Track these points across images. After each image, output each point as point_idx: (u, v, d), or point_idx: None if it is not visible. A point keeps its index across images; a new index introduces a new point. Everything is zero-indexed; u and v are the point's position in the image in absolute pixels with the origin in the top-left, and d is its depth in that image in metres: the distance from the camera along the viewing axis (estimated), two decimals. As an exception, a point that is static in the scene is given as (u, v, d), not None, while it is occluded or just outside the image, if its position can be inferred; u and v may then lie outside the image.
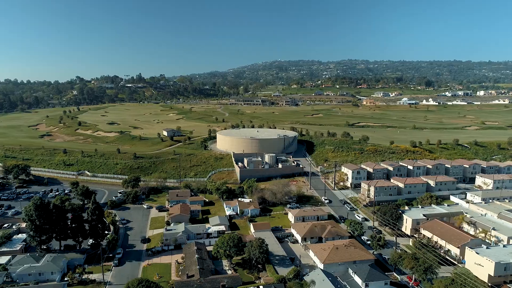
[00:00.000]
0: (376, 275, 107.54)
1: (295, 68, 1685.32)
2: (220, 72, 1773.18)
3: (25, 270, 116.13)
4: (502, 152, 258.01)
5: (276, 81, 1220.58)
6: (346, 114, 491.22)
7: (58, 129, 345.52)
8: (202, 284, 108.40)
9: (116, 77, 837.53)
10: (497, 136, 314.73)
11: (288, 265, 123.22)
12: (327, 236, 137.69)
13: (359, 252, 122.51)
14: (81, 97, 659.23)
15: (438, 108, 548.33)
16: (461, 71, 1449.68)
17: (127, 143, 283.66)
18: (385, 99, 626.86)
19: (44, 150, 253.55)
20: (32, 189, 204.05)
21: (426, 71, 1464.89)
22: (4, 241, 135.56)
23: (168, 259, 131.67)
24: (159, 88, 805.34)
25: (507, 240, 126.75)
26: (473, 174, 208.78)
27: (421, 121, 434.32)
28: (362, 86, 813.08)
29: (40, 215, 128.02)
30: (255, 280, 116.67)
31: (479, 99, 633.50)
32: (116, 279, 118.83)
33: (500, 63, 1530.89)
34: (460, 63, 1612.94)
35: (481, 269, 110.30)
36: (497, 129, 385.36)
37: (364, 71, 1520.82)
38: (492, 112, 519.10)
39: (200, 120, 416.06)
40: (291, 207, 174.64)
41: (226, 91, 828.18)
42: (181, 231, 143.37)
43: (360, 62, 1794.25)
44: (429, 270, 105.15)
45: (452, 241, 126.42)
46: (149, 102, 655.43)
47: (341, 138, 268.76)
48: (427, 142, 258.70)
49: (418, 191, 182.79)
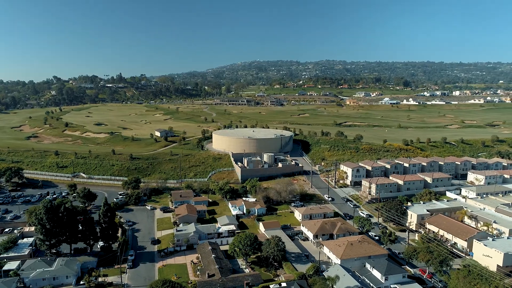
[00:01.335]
0: (394, 268, 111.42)
1: (274, 68, 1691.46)
2: (199, 72, 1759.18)
3: (39, 275, 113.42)
4: (486, 150, 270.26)
5: (256, 81, 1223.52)
6: (332, 114, 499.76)
7: (44, 130, 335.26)
8: (224, 283, 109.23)
9: (96, 77, 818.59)
10: (478, 134, 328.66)
11: (305, 262, 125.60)
12: (338, 232, 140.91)
13: (373, 247, 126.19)
14: (60, 97, 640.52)
15: (419, 108, 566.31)
16: (434, 72, 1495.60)
17: (120, 144, 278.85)
18: (367, 99, 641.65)
19: (34, 152, 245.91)
20: (27, 192, 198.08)
21: (402, 71, 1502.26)
22: (11, 246, 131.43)
23: (182, 260, 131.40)
24: (141, 88, 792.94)
25: (508, 232, 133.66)
26: (464, 170, 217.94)
27: (404, 120, 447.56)
28: (343, 86, 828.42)
29: (51, 218, 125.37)
30: (274, 278, 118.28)
31: (455, 98, 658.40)
32: (133, 281, 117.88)
33: (470, 64, 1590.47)
34: (434, 64, 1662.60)
35: (490, 260, 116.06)
36: (476, 128, 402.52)
37: (342, 71, 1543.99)
38: (469, 111, 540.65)
39: (189, 120, 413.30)
40: (295, 205, 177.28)
41: (208, 91, 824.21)
42: (192, 231, 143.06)
43: (337, 62, 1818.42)
44: (444, 262, 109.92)
45: (459, 234, 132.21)
46: (132, 102, 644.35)
47: (335, 138, 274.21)
48: (418, 141, 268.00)
49: (417, 187, 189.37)
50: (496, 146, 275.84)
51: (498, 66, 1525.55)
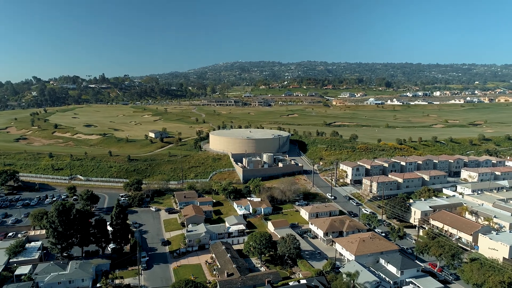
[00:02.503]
0: (409, 263, 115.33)
1: (257, 69, 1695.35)
2: (181, 73, 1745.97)
3: (54, 279, 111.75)
4: (474, 148, 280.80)
5: (240, 82, 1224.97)
6: (320, 114, 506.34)
7: (33, 132, 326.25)
8: (244, 282, 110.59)
9: (77, 78, 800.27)
10: (463, 133, 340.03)
11: (319, 259, 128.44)
12: (348, 230, 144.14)
13: (384, 243, 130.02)
14: (42, 98, 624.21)
15: (403, 108, 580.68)
16: (413, 73, 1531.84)
17: (114, 145, 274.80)
18: (352, 100, 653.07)
19: (27, 155, 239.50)
20: (24, 195, 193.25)
21: (382, 72, 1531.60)
22: (20, 250, 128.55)
23: (196, 260, 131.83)
24: (124, 89, 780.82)
25: (508, 226, 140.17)
26: (457, 168, 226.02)
27: (391, 120, 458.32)
28: (328, 87, 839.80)
29: (63, 221, 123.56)
30: (290, 276, 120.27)
31: (437, 99, 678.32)
32: (150, 282, 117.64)
33: (447, 66, 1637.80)
34: (412, 65, 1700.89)
35: (496, 253, 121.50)
36: (460, 127, 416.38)
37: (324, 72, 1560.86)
38: (451, 111, 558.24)
39: (180, 121, 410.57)
40: (300, 204, 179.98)
41: (194, 92, 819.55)
42: (203, 231, 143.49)
43: (319, 63, 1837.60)
44: (456, 255, 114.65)
45: (464, 229, 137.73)
46: (117, 103, 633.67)
47: (331, 137, 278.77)
48: (410, 140, 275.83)
49: (415, 185, 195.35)
50: (482, 144, 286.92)
51: (472, 68, 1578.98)
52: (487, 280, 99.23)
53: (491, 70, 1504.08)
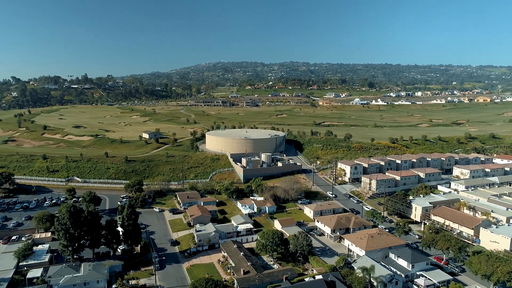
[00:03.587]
0: (419, 257, 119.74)
1: (240, 70, 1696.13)
2: (163, 73, 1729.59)
3: (69, 281, 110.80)
4: (461, 146, 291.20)
5: (223, 82, 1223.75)
6: (308, 114, 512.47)
7: (20, 133, 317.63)
8: (262, 279, 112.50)
9: (59, 78, 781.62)
10: (449, 132, 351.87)
11: (330, 255, 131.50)
12: (354, 226, 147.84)
13: (392, 238, 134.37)
14: (24, 99, 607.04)
15: (387, 108, 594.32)
16: (393, 74, 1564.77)
17: (107, 146, 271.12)
18: (338, 100, 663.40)
19: (19, 157, 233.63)
20: (21, 198, 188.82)
21: (363, 73, 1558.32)
22: (29, 254, 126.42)
23: (207, 259, 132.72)
24: (108, 89, 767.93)
25: (506, 220, 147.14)
26: (448, 166, 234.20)
27: (378, 120, 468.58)
28: (313, 87, 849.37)
29: (75, 223, 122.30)
30: (304, 272, 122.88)
31: (419, 99, 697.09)
32: (165, 282, 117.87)
33: (425, 67, 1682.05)
34: (391, 66, 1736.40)
35: (497, 245, 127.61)
36: (444, 126, 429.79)
37: (306, 72, 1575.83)
38: (433, 111, 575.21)
39: (170, 122, 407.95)
40: (302, 202, 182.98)
41: (179, 92, 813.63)
42: (212, 231, 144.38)
43: (301, 64, 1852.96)
44: (462, 248, 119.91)
45: (465, 223, 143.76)
46: (102, 104, 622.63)
47: (326, 137, 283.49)
48: (401, 139, 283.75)
49: (412, 182, 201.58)
50: (469, 142, 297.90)
51: (449, 69, 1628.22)
52: (496, 271, 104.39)
53: (467, 71, 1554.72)
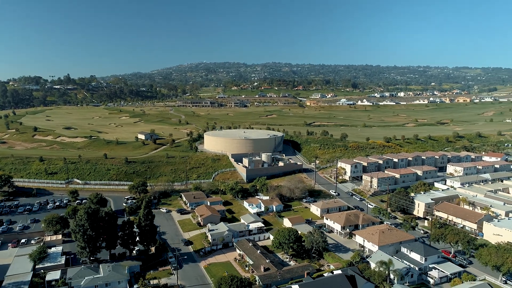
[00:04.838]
0: (431, 250, 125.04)
1: (223, 70, 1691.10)
2: (145, 73, 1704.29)
3: (90, 282, 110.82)
4: (450, 145, 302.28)
5: (207, 83, 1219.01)
6: (298, 115, 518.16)
7: (10, 135, 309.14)
8: (283, 275, 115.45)
9: (40, 78, 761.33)
10: (436, 131, 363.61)
11: (344, 251, 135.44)
12: (363, 223, 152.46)
13: (401, 233, 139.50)
14: (4, 99, 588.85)
15: (373, 108, 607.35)
16: (374, 75, 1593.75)
17: (103, 148, 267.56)
18: (325, 100, 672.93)
19: (14, 159, 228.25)
20: (22, 201, 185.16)
21: (345, 74, 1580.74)
22: (44, 256, 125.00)
23: (223, 258, 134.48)
24: (92, 90, 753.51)
25: (504, 214, 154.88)
26: (441, 163, 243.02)
27: (366, 120, 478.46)
28: (299, 88, 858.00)
29: (92, 224, 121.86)
30: (320, 268, 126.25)
31: (402, 99, 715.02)
32: (185, 281, 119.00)
33: (404, 68, 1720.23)
34: (372, 67, 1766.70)
35: (501, 238, 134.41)
36: (429, 126, 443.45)
37: (289, 73, 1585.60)
38: (417, 111, 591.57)
39: (161, 122, 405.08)
40: (307, 201, 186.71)
41: (164, 93, 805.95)
42: (225, 230, 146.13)
43: (283, 65, 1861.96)
44: (471, 241, 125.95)
45: (468, 218, 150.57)
46: (87, 105, 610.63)
47: (322, 137, 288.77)
48: (394, 138, 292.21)
49: (410, 180, 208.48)
50: (457, 141, 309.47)
51: (427, 70, 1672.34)
52: (506, 262, 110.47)
53: (444, 72, 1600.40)
